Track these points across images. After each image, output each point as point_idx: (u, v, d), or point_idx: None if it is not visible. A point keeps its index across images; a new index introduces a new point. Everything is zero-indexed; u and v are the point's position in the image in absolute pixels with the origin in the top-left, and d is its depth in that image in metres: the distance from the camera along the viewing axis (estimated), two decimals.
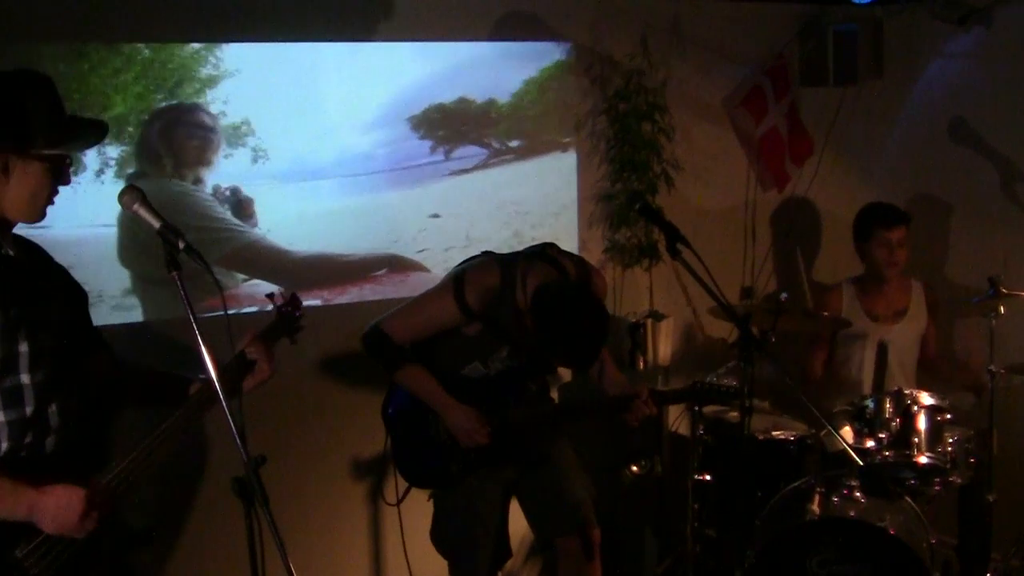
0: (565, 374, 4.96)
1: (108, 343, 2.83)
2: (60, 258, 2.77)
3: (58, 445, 2.55)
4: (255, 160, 4.40)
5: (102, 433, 2.68)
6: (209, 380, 2.47)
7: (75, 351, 2.62)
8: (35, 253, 2.67)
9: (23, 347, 2.48)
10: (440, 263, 4.70)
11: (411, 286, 4.62)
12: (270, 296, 3.09)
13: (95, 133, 2.61)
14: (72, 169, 2.60)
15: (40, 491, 2.42)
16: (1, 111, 2.46)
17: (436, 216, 4.80)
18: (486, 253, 3.82)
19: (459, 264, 3.78)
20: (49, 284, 2.62)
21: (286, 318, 3.06)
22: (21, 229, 2.62)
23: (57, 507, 2.42)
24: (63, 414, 2.56)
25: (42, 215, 2.58)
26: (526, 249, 3.78)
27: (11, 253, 2.55)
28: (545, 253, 3.71)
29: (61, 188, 2.59)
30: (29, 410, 2.49)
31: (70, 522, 2.43)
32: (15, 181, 2.49)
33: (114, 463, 2.56)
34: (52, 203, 2.58)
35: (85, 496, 2.44)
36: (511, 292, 3.60)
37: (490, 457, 3.76)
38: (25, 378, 2.49)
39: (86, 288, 2.81)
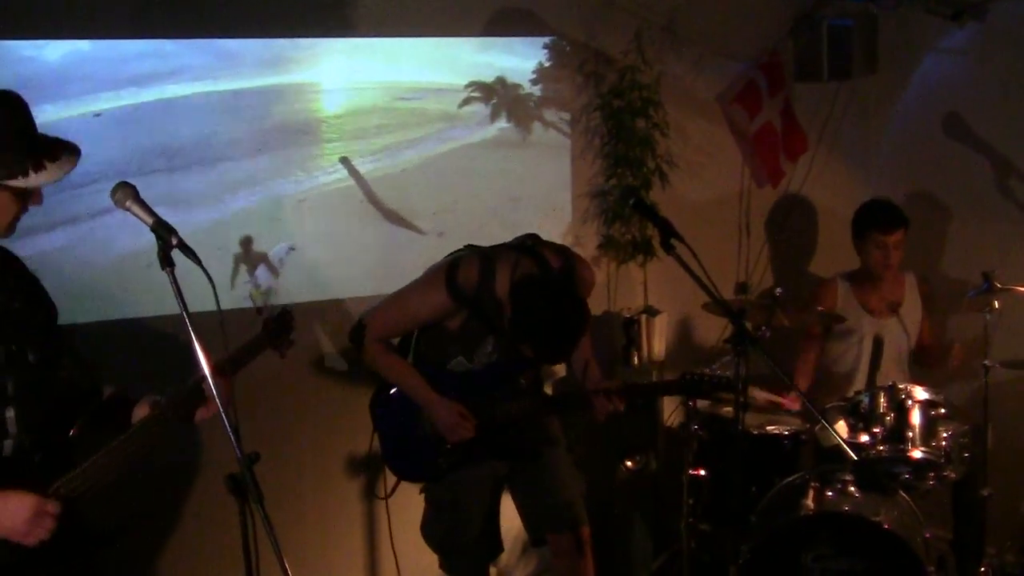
0: (560, 370, 4.95)
1: (81, 355, 2.78)
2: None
3: (15, 451, 2.52)
4: None
5: (63, 440, 2.62)
6: (203, 376, 2.46)
7: (38, 359, 2.58)
8: (4, 258, 2.64)
9: None
10: (436, 259, 4.69)
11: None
12: (259, 311, 3.09)
13: (69, 158, 2.52)
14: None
15: None
16: None
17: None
18: (468, 247, 3.81)
19: (443, 258, 3.78)
20: (8, 294, 2.58)
21: (272, 334, 3.07)
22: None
23: (3, 512, 2.42)
24: (21, 420, 2.52)
25: (7, 233, 2.56)
26: (508, 242, 3.78)
27: None
28: (526, 245, 3.72)
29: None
30: None
31: (17, 529, 2.43)
32: None
33: (75, 468, 2.55)
34: (17, 221, 2.55)
35: (34, 504, 2.43)
36: (491, 284, 3.61)
37: (477, 451, 3.76)
38: None
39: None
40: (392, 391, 3.82)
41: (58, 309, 2.72)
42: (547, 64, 5.00)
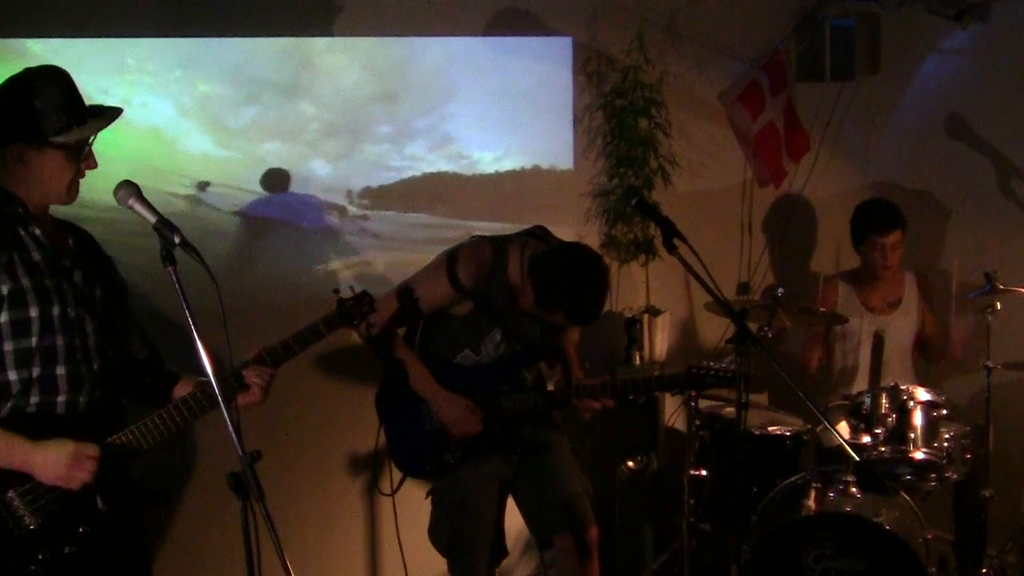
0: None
1: (145, 336, 2.99)
2: None
3: (68, 407, 2.69)
4: None
5: (117, 400, 2.83)
6: (208, 379, 2.52)
7: (96, 326, 2.75)
8: (77, 238, 2.84)
9: (33, 312, 2.64)
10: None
11: None
12: (336, 291, 3.14)
13: (111, 113, 2.75)
14: None
15: (35, 444, 2.60)
16: (11, 106, 2.65)
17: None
18: (476, 236, 3.81)
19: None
20: (74, 261, 2.76)
21: (347, 312, 3.10)
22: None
23: (46, 459, 2.59)
24: (72, 379, 2.69)
25: (71, 197, 2.75)
26: (516, 232, 3.79)
27: (37, 232, 2.70)
28: (534, 233, 3.74)
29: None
30: (36, 372, 2.65)
31: (59, 473, 2.60)
32: (34, 169, 2.68)
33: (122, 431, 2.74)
34: (78, 184, 2.74)
35: (73, 450, 2.61)
36: (503, 269, 3.63)
37: (483, 446, 3.76)
38: (34, 341, 2.64)
39: None
40: (397, 386, 3.79)
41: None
42: (549, 64, 4.99)
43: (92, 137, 2.72)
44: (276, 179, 4.51)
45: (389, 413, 3.87)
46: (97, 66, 4.10)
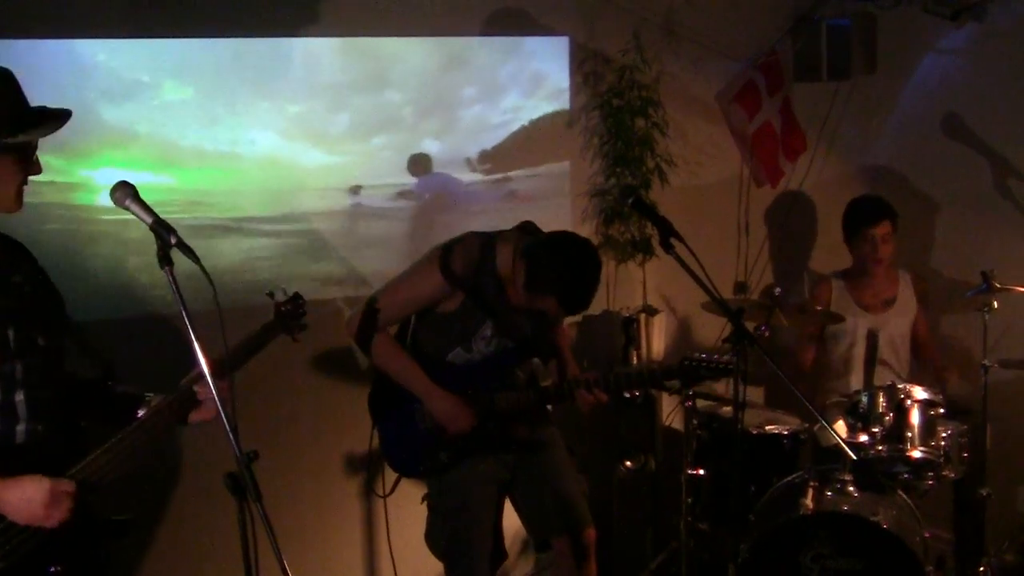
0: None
1: (91, 346, 2.88)
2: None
3: (29, 435, 2.58)
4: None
5: (76, 426, 2.70)
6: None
7: (49, 346, 2.64)
8: (15, 252, 2.69)
9: None
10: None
11: None
12: (270, 295, 3.10)
13: (56, 120, 2.61)
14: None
15: (5, 483, 2.46)
16: None
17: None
18: (468, 232, 3.79)
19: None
20: (21, 280, 2.64)
21: (284, 317, 3.08)
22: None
23: (21, 499, 2.47)
24: (31, 404, 2.58)
25: (16, 205, 2.61)
26: (507, 229, 3.79)
27: None
28: (526, 229, 3.74)
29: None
30: None
31: (35, 513, 2.48)
32: None
33: (88, 456, 2.61)
34: (22, 193, 2.61)
35: (50, 488, 2.48)
36: (492, 262, 3.62)
37: (477, 444, 3.75)
38: None
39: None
40: (390, 386, 3.78)
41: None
42: (545, 63, 4.99)
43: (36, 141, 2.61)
44: (421, 163, 4.74)
45: (382, 413, 3.86)
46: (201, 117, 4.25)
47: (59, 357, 2.68)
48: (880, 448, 4.21)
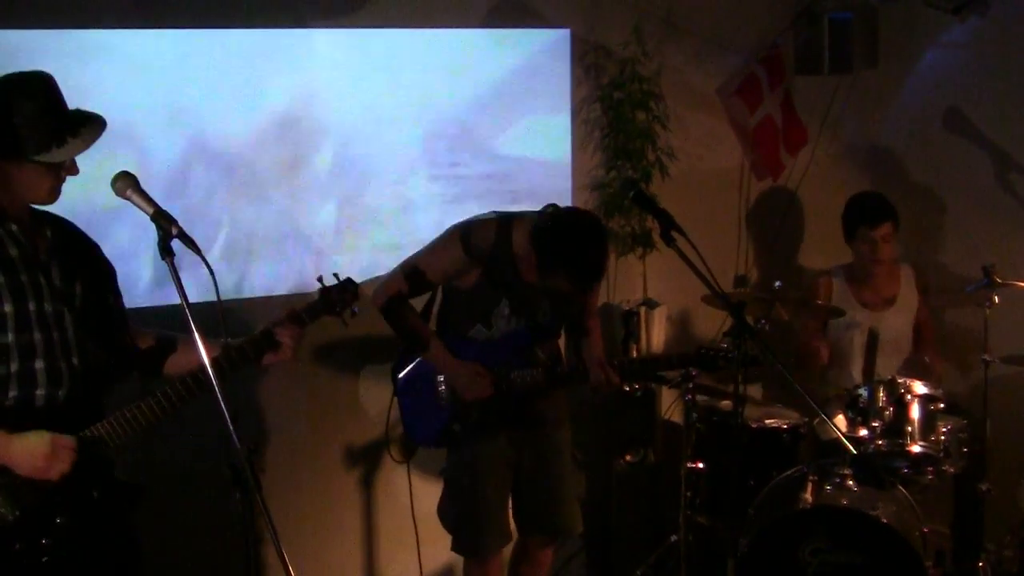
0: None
1: (121, 334, 2.93)
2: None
3: (47, 400, 2.68)
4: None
5: (95, 396, 2.80)
6: (202, 366, 2.52)
7: (73, 318, 2.72)
8: (56, 229, 2.79)
9: (7, 308, 2.62)
10: None
11: None
12: (320, 279, 3.11)
13: (91, 131, 2.67)
14: None
15: (10, 437, 2.59)
16: None
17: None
18: (491, 211, 3.90)
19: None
20: (51, 256, 2.72)
21: (329, 302, 3.08)
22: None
23: (23, 451, 2.59)
24: (51, 373, 2.67)
25: (52, 199, 2.72)
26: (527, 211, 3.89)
27: (13, 228, 2.67)
28: (545, 211, 3.79)
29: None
30: (15, 367, 2.63)
31: (36, 464, 2.60)
32: (13, 181, 2.64)
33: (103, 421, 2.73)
34: (57, 191, 2.70)
35: (51, 440, 2.61)
36: (507, 244, 3.72)
37: (493, 415, 3.85)
38: (10, 337, 2.62)
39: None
40: (412, 358, 3.91)
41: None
42: (546, 56, 4.98)
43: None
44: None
45: (405, 385, 3.94)
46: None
47: (89, 332, 2.75)
48: (880, 443, 4.22)
